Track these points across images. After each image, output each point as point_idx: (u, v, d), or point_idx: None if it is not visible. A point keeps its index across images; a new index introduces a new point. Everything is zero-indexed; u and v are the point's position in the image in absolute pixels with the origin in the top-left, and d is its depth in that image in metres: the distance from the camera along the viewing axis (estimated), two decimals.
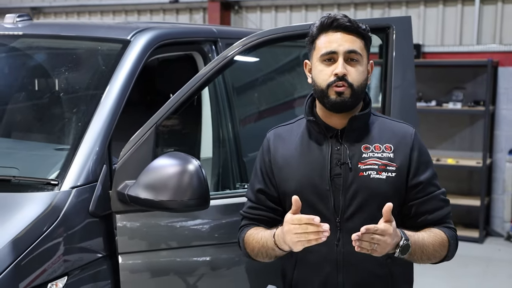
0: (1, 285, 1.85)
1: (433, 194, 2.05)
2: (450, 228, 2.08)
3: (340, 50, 1.96)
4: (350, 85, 1.96)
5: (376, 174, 1.99)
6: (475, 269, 6.05)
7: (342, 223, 2.00)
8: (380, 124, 2.08)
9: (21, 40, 2.83)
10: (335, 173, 2.00)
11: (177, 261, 2.40)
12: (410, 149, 2.03)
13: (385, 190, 1.99)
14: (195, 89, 2.38)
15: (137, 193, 2.15)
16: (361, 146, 2.02)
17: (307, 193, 2.02)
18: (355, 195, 1.99)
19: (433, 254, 2.02)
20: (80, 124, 2.35)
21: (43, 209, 2.06)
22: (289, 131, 2.14)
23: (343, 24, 1.97)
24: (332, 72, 1.96)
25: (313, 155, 2.04)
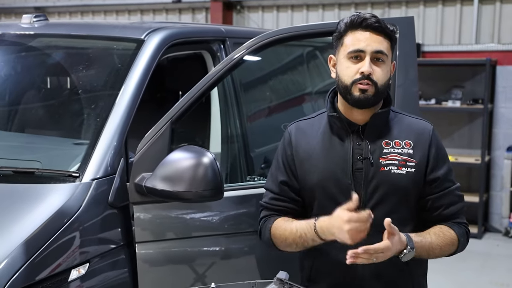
0: (29, 271, 1.95)
1: (449, 189, 2.13)
2: (461, 224, 2.18)
3: (368, 50, 2.02)
4: (375, 83, 2.02)
5: (397, 169, 2.06)
6: (473, 263, 6.17)
7: None
8: (399, 121, 2.15)
9: (39, 40, 2.93)
10: (356, 167, 2.08)
11: (189, 250, 2.50)
12: (428, 145, 2.10)
13: (405, 184, 2.07)
14: (208, 87, 2.49)
15: (154, 185, 2.25)
16: (382, 142, 2.09)
17: (329, 186, 2.10)
18: (376, 189, 2.07)
19: (441, 253, 2.12)
20: (98, 119, 2.46)
21: (65, 199, 2.17)
22: (310, 125, 2.21)
23: (372, 24, 2.04)
24: (358, 70, 2.02)
25: (335, 150, 2.11)
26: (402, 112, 2.24)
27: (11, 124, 2.82)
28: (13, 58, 2.96)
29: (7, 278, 1.90)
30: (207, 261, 2.56)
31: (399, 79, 2.79)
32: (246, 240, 2.60)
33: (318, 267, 2.19)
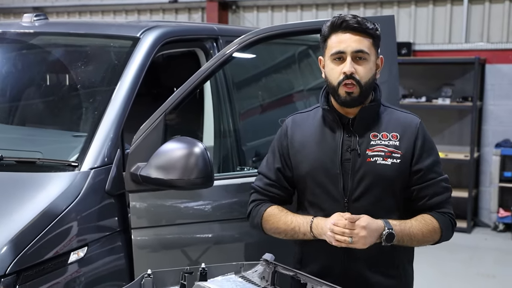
0: (32, 252, 2.09)
1: (434, 180, 2.22)
2: (446, 214, 2.26)
3: (348, 50, 2.13)
4: (358, 82, 2.14)
5: (382, 160, 2.18)
6: (461, 256, 6.34)
7: (349, 203, 2.20)
8: (389, 114, 2.26)
9: (40, 38, 3.07)
10: (345, 158, 2.20)
11: (182, 236, 2.64)
12: (414, 137, 2.20)
13: (390, 175, 2.19)
14: (199, 82, 2.62)
15: (149, 173, 2.39)
16: (370, 134, 2.21)
17: (319, 175, 2.23)
18: (363, 178, 2.18)
19: (424, 240, 2.20)
20: (96, 113, 2.59)
21: (65, 187, 2.31)
22: (305, 118, 2.34)
23: (351, 25, 2.14)
24: (341, 71, 2.14)
25: (326, 141, 2.24)
26: (392, 106, 2.35)
27: (13, 118, 2.96)
28: (14, 55, 3.10)
29: (12, 258, 2.03)
30: (200, 247, 2.70)
31: (383, 75, 2.94)
32: (236, 227, 2.74)
33: (308, 251, 2.32)
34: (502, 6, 7.36)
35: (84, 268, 2.28)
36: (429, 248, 6.42)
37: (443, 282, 5.53)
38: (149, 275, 2.03)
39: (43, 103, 2.94)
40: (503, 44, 7.34)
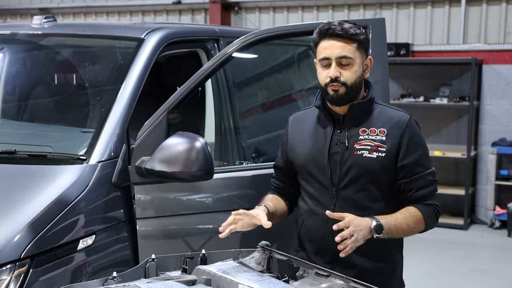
0: (44, 239, 2.24)
1: (420, 175, 2.35)
2: (430, 205, 2.38)
3: (332, 56, 2.29)
4: (344, 83, 2.30)
5: (368, 153, 2.32)
6: (457, 252, 6.49)
7: (338, 192, 2.37)
8: (379, 111, 2.40)
9: (49, 39, 3.22)
10: (334, 151, 2.37)
11: (184, 225, 2.80)
12: (401, 133, 2.33)
13: (375, 167, 2.33)
14: (200, 81, 2.77)
15: (153, 166, 2.54)
16: (359, 129, 2.36)
17: (311, 166, 2.43)
18: (349, 170, 2.35)
19: (410, 231, 2.35)
20: (103, 110, 2.73)
21: (74, 179, 2.46)
22: (304, 115, 2.54)
23: (336, 32, 2.29)
24: (328, 75, 2.31)
25: (319, 136, 2.43)
26: (384, 104, 2.49)
27: (25, 115, 3.11)
28: (25, 55, 3.26)
29: (26, 244, 2.19)
30: (201, 236, 2.84)
31: (376, 75, 3.07)
32: None
33: (304, 232, 2.51)
34: (499, 7, 7.51)
35: (92, 255, 2.43)
36: (427, 244, 6.67)
37: (439, 277, 5.68)
38: (153, 260, 2.18)
39: (53, 101, 3.10)
40: (500, 45, 7.48)
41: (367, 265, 2.39)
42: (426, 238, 6.83)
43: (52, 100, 3.12)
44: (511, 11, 7.49)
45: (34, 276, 2.19)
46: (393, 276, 2.49)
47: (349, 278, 1.99)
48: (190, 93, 2.75)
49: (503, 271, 5.90)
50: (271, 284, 1.96)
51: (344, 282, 2.00)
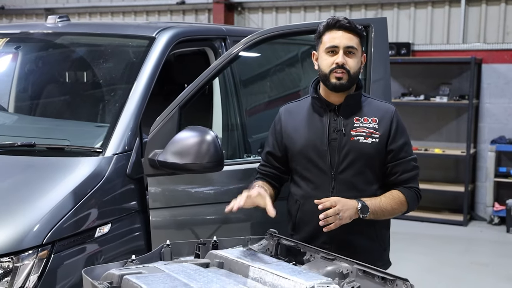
0: (63, 227, 2.36)
1: (404, 160, 2.60)
2: (412, 188, 2.61)
3: (341, 45, 2.52)
4: (348, 71, 2.52)
5: (364, 139, 2.55)
6: (457, 247, 6.63)
7: (336, 175, 2.57)
8: (369, 103, 2.64)
9: (63, 37, 3.35)
10: (332, 137, 2.57)
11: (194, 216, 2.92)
12: (390, 122, 2.58)
13: (370, 151, 2.56)
14: (210, 77, 2.89)
15: (166, 158, 2.65)
16: (353, 118, 2.58)
17: (310, 152, 2.61)
18: (347, 154, 2.56)
19: (393, 211, 2.57)
20: (117, 105, 2.85)
21: (91, 170, 2.58)
22: (297, 106, 2.73)
23: (344, 25, 2.53)
24: (334, 61, 2.52)
25: (316, 124, 2.62)
26: (371, 97, 2.74)
27: (43, 110, 3.24)
28: (42, 54, 3.39)
29: (48, 230, 2.31)
30: (210, 226, 2.96)
31: (378, 74, 3.20)
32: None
33: (301, 216, 2.66)
34: (498, 8, 7.63)
35: (108, 243, 2.55)
36: (428, 240, 6.82)
37: (439, 270, 5.82)
38: (168, 246, 2.32)
39: (69, 97, 3.23)
40: (499, 44, 7.61)
41: (361, 244, 2.60)
42: (427, 233, 7.05)
43: (68, 96, 3.24)
44: (510, 11, 7.61)
45: (55, 261, 2.31)
46: (383, 254, 2.71)
47: (354, 261, 2.13)
48: (200, 89, 2.87)
49: (501, 265, 6.04)
50: (280, 267, 2.09)
51: (349, 265, 2.13)
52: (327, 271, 2.13)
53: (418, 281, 2.06)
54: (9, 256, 2.23)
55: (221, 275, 2.00)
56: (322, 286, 1.89)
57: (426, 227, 7.35)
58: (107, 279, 1.96)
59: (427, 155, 7.61)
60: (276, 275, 2.00)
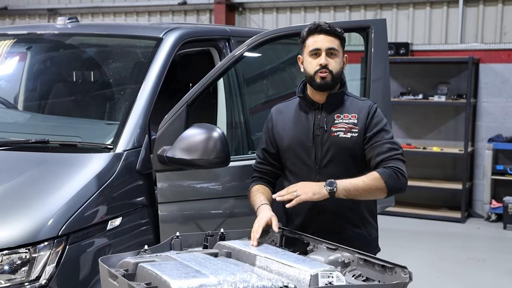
0: (77, 219, 2.46)
1: (379, 143, 2.68)
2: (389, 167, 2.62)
3: (323, 47, 2.70)
4: (330, 71, 2.69)
5: (343, 134, 2.71)
6: (455, 243, 6.76)
7: (320, 169, 2.73)
8: (350, 101, 2.80)
9: (73, 38, 3.46)
10: (316, 134, 2.75)
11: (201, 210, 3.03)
12: (367, 115, 2.73)
13: (349, 145, 2.72)
14: (216, 76, 2.99)
15: (174, 154, 2.75)
16: (335, 115, 2.75)
17: (297, 148, 2.78)
18: (329, 149, 2.72)
19: (370, 188, 2.57)
20: (127, 103, 2.96)
21: (103, 166, 2.68)
22: (286, 106, 2.91)
23: (324, 29, 2.71)
24: (318, 63, 2.69)
25: (302, 122, 2.79)
26: (354, 95, 2.88)
27: (55, 109, 3.35)
28: (53, 54, 3.50)
29: (63, 223, 2.42)
30: (216, 220, 3.08)
31: (378, 73, 3.31)
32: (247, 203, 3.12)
33: (290, 210, 2.78)
34: (495, 8, 7.74)
35: (119, 236, 2.66)
36: (427, 237, 6.95)
37: (437, 266, 5.94)
38: (178, 237, 2.43)
39: (80, 96, 3.34)
40: (496, 44, 7.72)
41: (348, 232, 2.76)
42: (426, 230, 7.18)
43: (79, 95, 3.35)
44: (507, 12, 7.72)
45: (70, 252, 2.42)
46: (370, 240, 2.84)
47: (355, 250, 2.25)
48: (207, 88, 2.97)
49: (498, 260, 6.16)
50: (285, 256, 2.21)
51: (351, 254, 2.25)
52: (330, 260, 2.25)
53: (417, 276, 2.14)
54: (27, 247, 2.32)
55: (230, 263, 2.11)
56: (325, 273, 2.00)
57: (425, 224, 7.48)
58: (122, 267, 2.07)
59: (425, 153, 7.73)
60: (282, 263, 2.12)
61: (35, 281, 2.33)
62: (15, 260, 2.31)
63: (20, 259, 2.32)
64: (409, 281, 2.03)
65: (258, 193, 2.80)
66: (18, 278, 2.31)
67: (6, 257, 2.31)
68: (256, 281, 1.88)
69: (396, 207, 5.42)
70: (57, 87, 3.42)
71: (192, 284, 1.80)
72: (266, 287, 1.87)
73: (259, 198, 2.76)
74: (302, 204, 2.65)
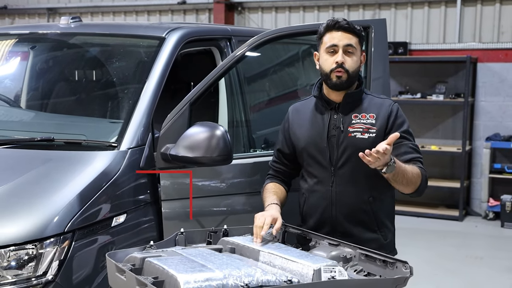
0: (82, 216, 2.50)
1: (403, 143, 2.63)
2: (421, 167, 2.62)
3: (340, 44, 2.63)
4: (347, 70, 2.62)
5: (361, 135, 2.66)
6: (453, 241, 6.82)
7: (335, 170, 2.69)
8: (368, 99, 2.74)
9: (77, 37, 3.50)
10: (331, 134, 2.70)
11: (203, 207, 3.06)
12: (388, 115, 2.68)
13: (366, 146, 2.55)
14: (218, 76, 3.01)
15: (177, 152, 2.78)
16: (352, 115, 2.69)
17: (311, 149, 2.75)
18: (345, 150, 2.67)
19: (411, 180, 2.53)
20: (130, 102, 2.99)
21: (107, 163, 2.71)
22: (303, 105, 2.88)
23: (342, 25, 2.65)
24: (334, 61, 2.63)
25: (317, 122, 2.76)
26: (372, 93, 2.84)
27: (59, 107, 3.39)
28: (57, 53, 3.53)
29: (69, 219, 2.45)
30: (219, 217, 3.11)
31: (377, 72, 3.35)
32: (249, 201, 3.17)
33: (307, 208, 2.82)
34: (493, 8, 7.79)
35: (123, 232, 2.69)
36: (425, 235, 7.01)
37: (436, 263, 6.00)
38: (182, 233, 2.48)
39: (85, 95, 3.37)
40: (494, 44, 7.77)
41: (363, 235, 2.69)
42: (425, 228, 7.23)
43: (84, 94, 3.39)
44: (504, 11, 7.77)
45: (76, 248, 2.45)
46: (385, 244, 2.77)
47: (356, 246, 2.29)
48: (210, 86, 3.01)
49: (496, 258, 6.22)
50: (288, 251, 2.25)
51: (352, 249, 2.29)
52: (332, 255, 2.29)
53: (415, 273, 2.16)
54: (33, 243, 2.36)
55: (235, 259, 2.15)
56: (328, 268, 2.05)
57: (423, 222, 7.53)
58: (129, 261, 2.11)
59: (423, 152, 7.62)
60: (285, 258, 2.16)
61: (42, 276, 2.36)
62: (22, 256, 2.35)
63: (27, 255, 2.36)
64: (410, 276, 2.08)
65: (271, 192, 2.80)
66: (25, 274, 2.35)
67: (13, 253, 2.34)
68: (260, 276, 1.92)
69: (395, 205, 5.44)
70: (61, 86, 3.46)
71: (198, 278, 1.84)
72: (270, 281, 1.92)
73: (271, 197, 2.75)
74: (315, 206, 2.69)
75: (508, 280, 5.59)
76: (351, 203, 2.67)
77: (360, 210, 2.68)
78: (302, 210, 2.84)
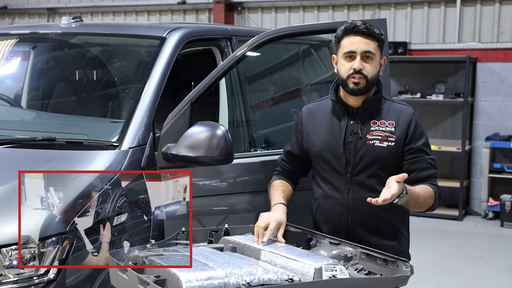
0: (84, 215, 2.49)
1: (422, 158, 2.60)
2: (435, 185, 2.62)
3: (358, 50, 2.53)
4: (365, 76, 2.53)
5: (379, 143, 2.58)
6: (453, 240, 6.83)
7: (352, 177, 2.63)
8: (388, 106, 2.65)
9: (78, 37, 3.50)
10: (348, 140, 2.63)
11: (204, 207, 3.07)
12: (408, 124, 2.59)
13: (385, 155, 2.59)
14: (219, 75, 3.01)
15: (178, 152, 2.78)
16: (370, 121, 2.61)
17: (326, 154, 2.69)
18: (362, 157, 2.60)
19: (423, 204, 2.54)
20: (132, 102, 2.99)
21: (109, 163, 2.72)
22: (318, 107, 2.80)
23: (361, 30, 2.54)
24: (352, 67, 2.53)
25: (334, 126, 2.68)
26: (391, 99, 2.76)
27: (61, 107, 3.40)
28: (58, 53, 3.54)
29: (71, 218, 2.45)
30: (219, 216, 3.12)
31: None
32: (250, 200, 3.18)
33: (320, 214, 2.78)
34: (493, 8, 7.81)
35: (124, 231, 2.68)
36: (425, 234, 7.02)
37: (437, 262, 6.03)
38: (183, 232, 2.49)
39: (86, 94, 3.38)
40: (494, 43, 7.79)
41: (378, 243, 2.60)
42: (425, 228, 7.24)
43: (85, 94, 3.40)
44: (504, 11, 7.78)
45: (78, 247, 2.45)
46: (400, 251, 2.68)
47: (357, 245, 2.30)
48: (211, 86, 3.01)
49: (495, 258, 6.23)
50: (290, 250, 2.26)
51: (353, 248, 2.31)
52: (333, 254, 2.30)
53: (416, 272, 2.16)
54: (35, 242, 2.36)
55: (236, 257, 2.16)
56: (329, 266, 2.06)
57: (423, 222, 7.49)
58: (131, 260, 2.12)
59: None
60: (286, 257, 2.17)
61: (44, 275, 2.37)
62: (24, 254, 2.35)
63: (30, 254, 2.36)
64: (411, 274, 2.09)
65: (278, 190, 2.77)
66: (27, 272, 2.35)
67: (16, 252, 2.35)
68: (262, 274, 1.93)
69: None
70: (62, 86, 3.47)
71: (200, 277, 1.85)
72: (271, 280, 1.93)
73: (278, 196, 2.72)
74: (330, 212, 2.66)
75: (507, 280, 5.60)
76: (368, 210, 2.58)
77: (376, 218, 2.63)
78: (315, 215, 2.80)
